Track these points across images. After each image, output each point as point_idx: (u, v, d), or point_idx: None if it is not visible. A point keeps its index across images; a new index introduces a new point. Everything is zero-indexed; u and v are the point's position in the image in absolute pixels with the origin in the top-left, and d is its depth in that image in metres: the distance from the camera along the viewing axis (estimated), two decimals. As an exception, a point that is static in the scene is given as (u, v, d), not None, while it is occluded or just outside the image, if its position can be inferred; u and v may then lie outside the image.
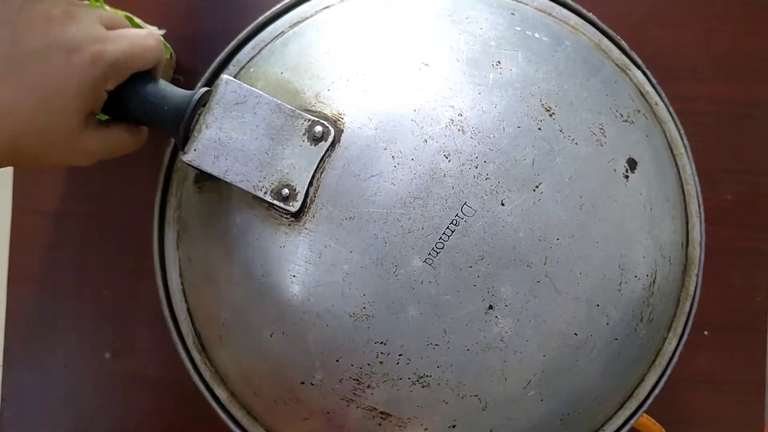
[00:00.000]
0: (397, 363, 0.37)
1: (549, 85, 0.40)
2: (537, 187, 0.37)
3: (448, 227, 0.37)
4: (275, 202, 0.38)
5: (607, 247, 0.39)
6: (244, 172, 0.38)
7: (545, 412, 0.40)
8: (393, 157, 0.37)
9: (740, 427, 0.61)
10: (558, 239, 0.37)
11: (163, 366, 0.60)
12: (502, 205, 0.37)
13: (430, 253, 0.37)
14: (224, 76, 0.38)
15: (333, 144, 0.38)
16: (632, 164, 0.41)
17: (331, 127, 0.38)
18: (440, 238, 0.37)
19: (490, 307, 0.37)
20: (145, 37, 0.38)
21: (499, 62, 0.40)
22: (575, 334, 0.38)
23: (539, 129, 0.38)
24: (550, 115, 0.39)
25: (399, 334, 0.37)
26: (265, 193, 0.38)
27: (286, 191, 0.38)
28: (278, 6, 0.49)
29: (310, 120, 0.38)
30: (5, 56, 0.33)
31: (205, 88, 0.39)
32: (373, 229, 0.37)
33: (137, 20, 0.49)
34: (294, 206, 0.38)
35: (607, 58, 0.46)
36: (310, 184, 0.38)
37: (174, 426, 0.61)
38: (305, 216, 0.38)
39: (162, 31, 0.56)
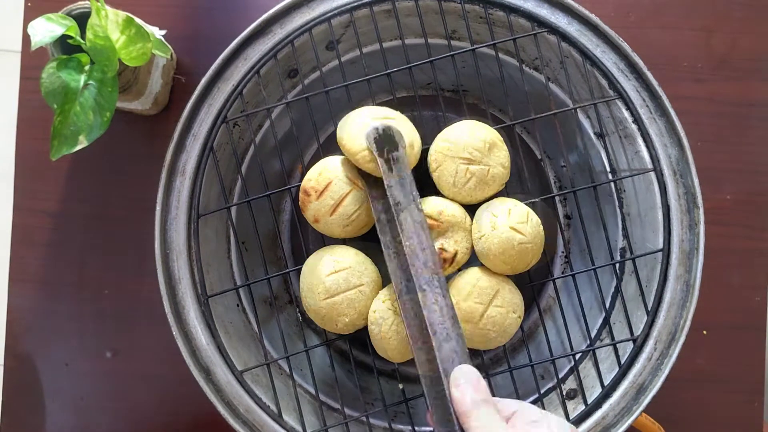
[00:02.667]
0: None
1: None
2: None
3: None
4: None
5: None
6: None
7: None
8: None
9: (740, 427, 0.61)
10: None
11: (163, 365, 0.60)
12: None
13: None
14: None
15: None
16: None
17: None
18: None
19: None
20: None
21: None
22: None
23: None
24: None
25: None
26: None
27: None
28: (278, 7, 0.49)
29: None
30: None
31: None
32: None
33: (138, 21, 0.49)
34: None
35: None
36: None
37: (175, 424, 0.61)
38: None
39: (162, 32, 0.56)
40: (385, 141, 0.43)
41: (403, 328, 0.44)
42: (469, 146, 0.46)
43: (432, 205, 0.46)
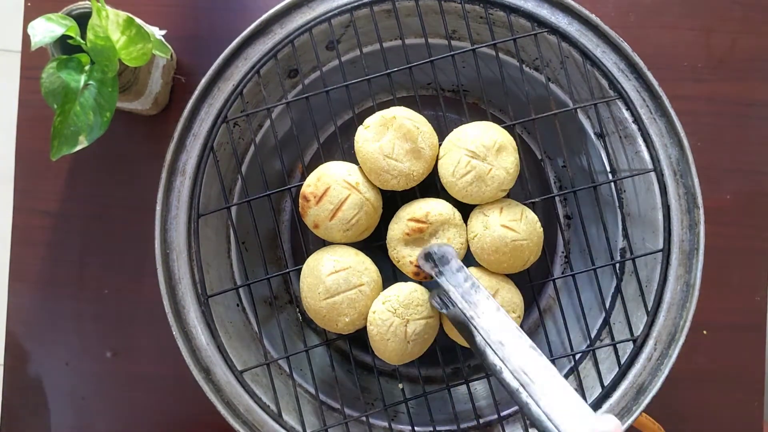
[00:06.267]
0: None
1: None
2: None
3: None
4: None
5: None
6: None
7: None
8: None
9: (739, 427, 0.61)
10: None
11: (163, 365, 0.60)
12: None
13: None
14: None
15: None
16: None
17: None
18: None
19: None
20: None
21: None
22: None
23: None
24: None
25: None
26: None
27: None
28: (278, 7, 0.49)
29: None
30: None
31: None
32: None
33: (138, 21, 0.48)
34: None
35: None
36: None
37: (174, 424, 0.61)
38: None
39: (162, 32, 0.56)
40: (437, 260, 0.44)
41: (402, 329, 0.44)
42: (477, 141, 0.46)
43: (417, 208, 0.46)
